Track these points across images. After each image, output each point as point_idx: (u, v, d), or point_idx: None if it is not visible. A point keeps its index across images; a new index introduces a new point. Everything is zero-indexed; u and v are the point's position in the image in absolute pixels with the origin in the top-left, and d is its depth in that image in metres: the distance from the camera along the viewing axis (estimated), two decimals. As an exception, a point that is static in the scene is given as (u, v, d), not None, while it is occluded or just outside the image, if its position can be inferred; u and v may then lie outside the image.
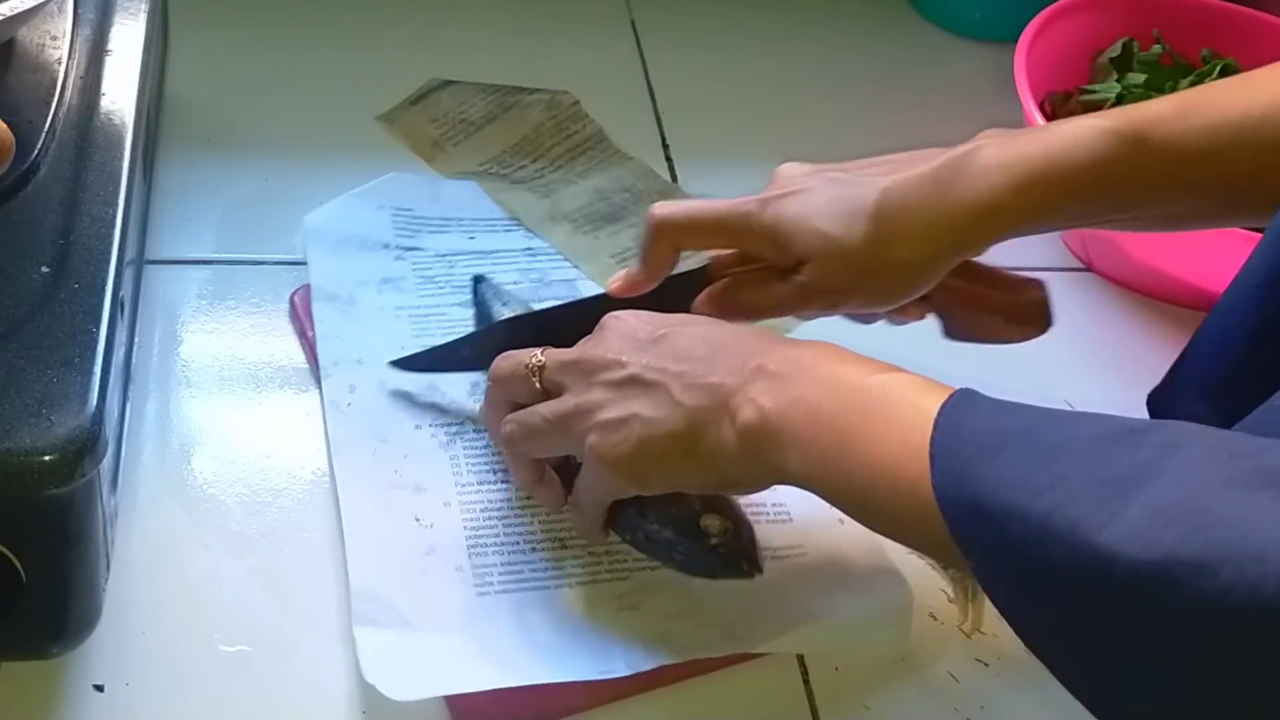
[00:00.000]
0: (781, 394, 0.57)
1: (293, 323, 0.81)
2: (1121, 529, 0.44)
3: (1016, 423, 0.50)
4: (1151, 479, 0.45)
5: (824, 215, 0.64)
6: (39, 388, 0.56)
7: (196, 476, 0.73)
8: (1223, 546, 0.42)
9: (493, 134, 0.96)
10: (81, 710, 0.63)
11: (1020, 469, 0.48)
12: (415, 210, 0.88)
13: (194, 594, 0.68)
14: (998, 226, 0.63)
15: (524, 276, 0.85)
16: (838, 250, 0.64)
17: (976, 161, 0.63)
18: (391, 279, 0.83)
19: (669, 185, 0.93)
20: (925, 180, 0.63)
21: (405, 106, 0.98)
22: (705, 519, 0.65)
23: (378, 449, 0.73)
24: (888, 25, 1.16)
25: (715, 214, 0.67)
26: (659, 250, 0.69)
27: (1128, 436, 0.47)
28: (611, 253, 0.88)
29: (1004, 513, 0.47)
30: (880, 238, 0.63)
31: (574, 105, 0.98)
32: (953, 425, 0.52)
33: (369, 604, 0.65)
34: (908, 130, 1.04)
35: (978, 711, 0.69)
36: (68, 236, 0.63)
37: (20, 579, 0.58)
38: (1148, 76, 0.97)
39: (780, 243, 0.65)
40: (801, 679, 0.69)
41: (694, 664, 0.67)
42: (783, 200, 0.66)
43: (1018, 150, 0.63)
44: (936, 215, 0.63)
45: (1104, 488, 0.45)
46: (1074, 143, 0.62)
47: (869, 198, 0.64)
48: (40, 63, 0.72)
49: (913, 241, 0.63)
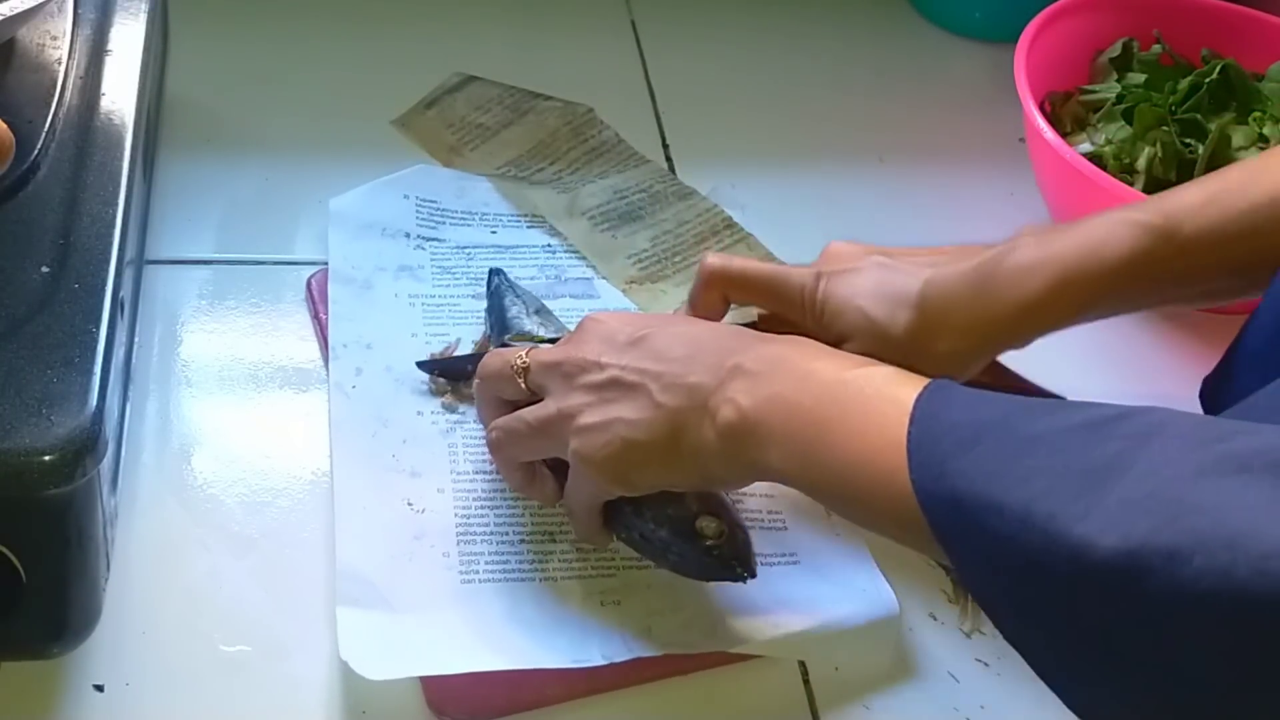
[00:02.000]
0: (759, 391, 0.58)
1: (308, 305, 0.82)
2: (1097, 520, 0.45)
3: (992, 414, 0.51)
4: (1125, 469, 0.46)
5: (870, 297, 0.66)
6: (39, 388, 0.56)
7: (196, 476, 0.73)
8: (1194, 533, 0.43)
9: (509, 139, 0.96)
10: (81, 710, 0.63)
11: (997, 461, 0.49)
12: (440, 202, 0.88)
13: (194, 594, 0.68)
14: (1034, 325, 0.65)
15: (541, 273, 0.85)
16: (879, 334, 0.65)
17: (1013, 261, 0.64)
18: (409, 267, 0.83)
19: (685, 188, 0.94)
20: (967, 276, 0.65)
21: (419, 110, 0.98)
22: (701, 521, 0.65)
23: (378, 432, 0.74)
24: (888, 25, 1.16)
25: (768, 276, 0.69)
26: (708, 299, 0.70)
27: (1101, 426, 0.48)
28: (629, 253, 0.88)
29: (981, 505, 0.48)
30: (922, 328, 0.64)
31: (589, 113, 0.99)
32: (929, 418, 0.53)
33: (353, 584, 0.66)
34: (908, 130, 1.05)
35: (978, 711, 0.69)
36: (68, 236, 0.63)
37: (20, 579, 0.58)
38: (1148, 76, 0.97)
39: (825, 318, 0.66)
40: (801, 679, 0.69)
41: (673, 662, 0.66)
42: (833, 277, 0.67)
43: (1052, 250, 0.64)
44: (977, 312, 0.64)
45: (1080, 479, 0.46)
46: (1106, 239, 0.64)
47: (913, 287, 0.65)
48: (40, 63, 0.72)
49: (953, 335, 0.65)
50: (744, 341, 0.61)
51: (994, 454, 0.49)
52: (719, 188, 0.94)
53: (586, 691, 0.66)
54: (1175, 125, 0.92)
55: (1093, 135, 0.96)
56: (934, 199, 0.99)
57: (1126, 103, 0.95)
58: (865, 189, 0.99)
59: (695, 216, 0.92)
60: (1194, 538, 0.42)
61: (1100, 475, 0.46)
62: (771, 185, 0.97)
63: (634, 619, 0.67)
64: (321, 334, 0.79)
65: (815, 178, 0.99)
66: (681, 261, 0.89)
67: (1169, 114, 0.93)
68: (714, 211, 0.92)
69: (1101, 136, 0.95)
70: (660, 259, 0.89)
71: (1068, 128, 0.97)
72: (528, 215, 0.90)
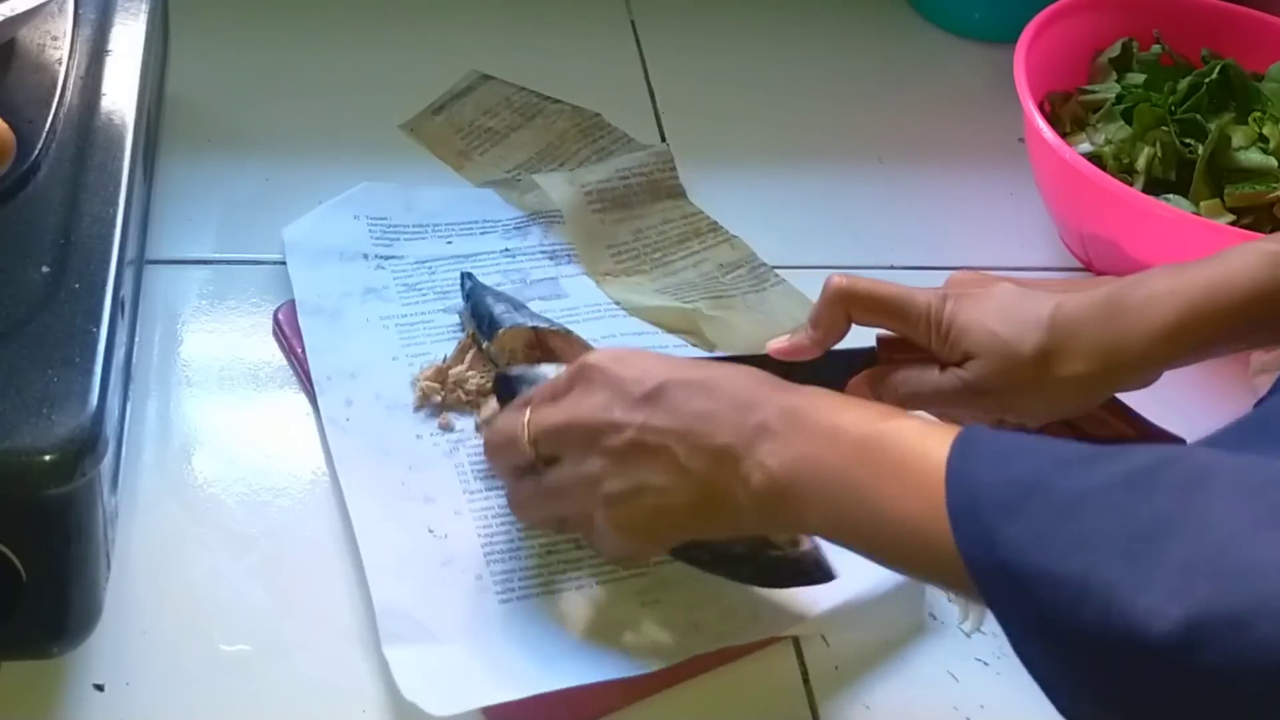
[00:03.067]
0: (786, 452, 0.57)
1: (278, 341, 0.80)
2: (1158, 590, 0.43)
3: (1027, 469, 0.50)
4: (1178, 528, 0.44)
5: (998, 318, 0.65)
6: (39, 387, 0.56)
7: (196, 476, 0.73)
8: (1257, 595, 0.42)
9: (518, 142, 0.97)
10: (81, 710, 0.63)
11: (1044, 526, 0.47)
12: (390, 219, 0.87)
13: (194, 594, 0.68)
14: (1163, 353, 0.64)
15: (505, 278, 0.85)
16: (1006, 352, 0.64)
17: (1145, 288, 0.64)
18: (374, 289, 0.82)
19: (680, 186, 0.94)
20: (1098, 301, 0.64)
21: (428, 116, 0.98)
22: None
23: (381, 461, 0.73)
24: (888, 25, 1.16)
25: (893, 295, 0.67)
26: (832, 316, 0.68)
27: (1144, 479, 0.47)
28: (609, 243, 0.89)
29: (1034, 576, 0.47)
30: (1051, 349, 0.64)
31: (596, 116, 0.99)
32: (965, 481, 0.51)
33: (394, 620, 0.65)
34: (908, 130, 1.05)
35: (978, 711, 0.69)
36: (68, 236, 0.63)
37: (20, 579, 0.58)
38: (1147, 77, 0.97)
39: (952, 336, 0.65)
40: (801, 679, 0.69)
41: (720, 653, 0.67)
42: (961, 299, 0.66)
43: (1184, 278, 0.64)
44: (1106, 337, 0.64)
45: (1133, 543, 0.45)
46: (1240, 268, 0.64)
47: (1044, 310, 0.64)
48: (40, 63, 0.72)
49: (1081, 359, 0.64)
50: (762, 392, 0.60)
51: (1040, 519, 0.48)
52: (718, 188, 0.94)
53: (645, 694, 0.66)
54: (1175, 125, 0.92)
55: (1092, 135, 0.96)
56: (933, 199, 0.99)
57: (1126, 103, 0.95)
58: (865, 189, 0.99)
59: (680, 218, 0.92)
60: (1258, 600, 0.41)
61: (1153, 538, 0.45)
62: (771, 185, 0.98)
63: (678, 615, 0.68)
64: (301, 368, 0.78)
65: (815, 178, 0.99)
66: (661, 258, 0.89)
67: (1169, 114, 0.93)
68: (698, 217, 0.92)
69: (1101, 136, 0.95)
70: (639, 254, 0.89)
71: (1067, 128, 0.97)
72: (479, 221, 0.89)
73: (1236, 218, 0.89)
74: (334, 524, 0.71)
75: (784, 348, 0.69)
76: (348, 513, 0.70)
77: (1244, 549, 0.43)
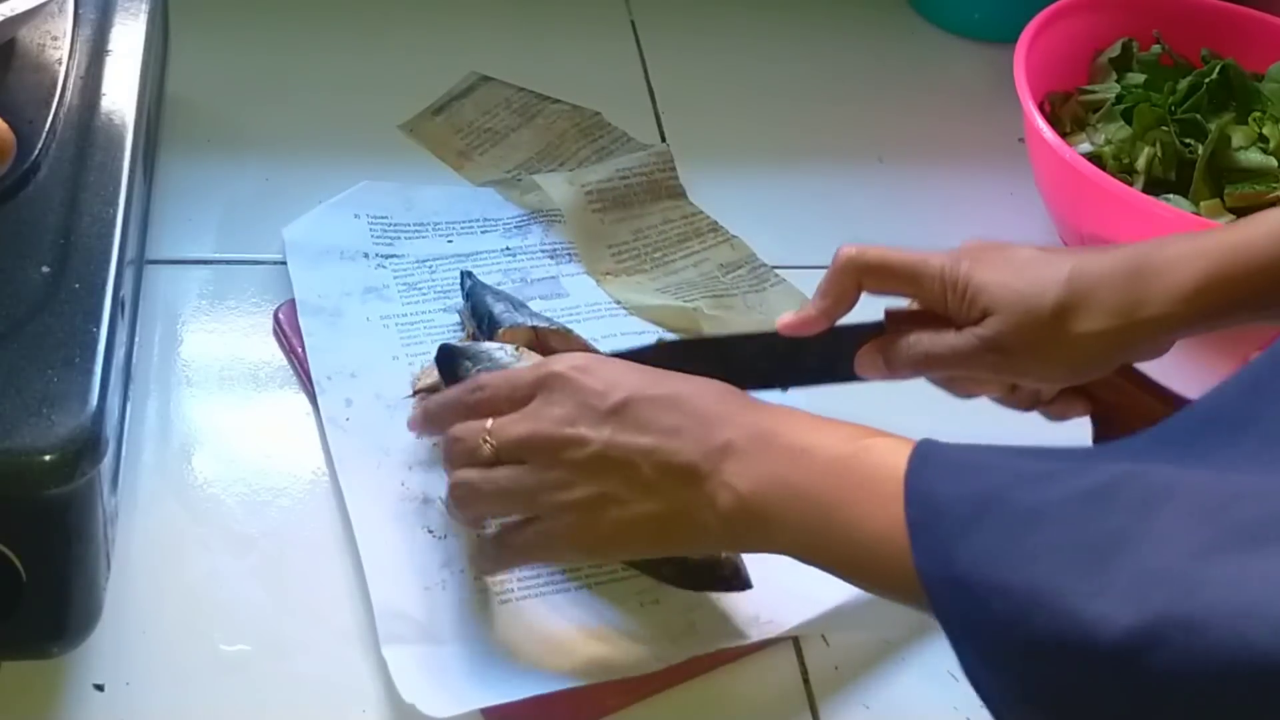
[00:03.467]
0: (752, 472, 0.56)
1: (278, 340, 0.80)
2: (1112, 597, 0.43)
3: (986, 484, 0.49)
4: (1134, 543, 0.44)
5: (1018, 275, 0.64)
6: (39, 387, 0.56)
7: (196, 476, 0.73)
8: (1210, 606, 0.41)
9: (518, 142, 0.97)
10: (81, 710, 0.63)
11: (1000, 540, 0.47)
12: (391, 218, 0.87)
13: (194, 594, 0.68)
14: (1182, 316, 0.63)
15: (506, 276, 0.85)
16: (1025, 307, 0.63)
17: (1168, 250, 0.64)
18: (375, 288, 0.82)
19: (680, 186, 0.94)
20: (1119, 261, 0.64)
21: (427, 116, 0.98)
22: None
23: (381, 462, 0.73)
24: (888, 25, 1.16)
25: (907, 260, 0.66)
26: (842, 285, 0.66)
27: (1102, 495, 0.47)
28: (609, 243, 0.89)
29: (987, 588, 0.46)
30: (1070, 305, 0.63)
31: (596, 115, 0.99)
32: (924, 495, 0.51)
33: (393, 621, 0.65)
34: (907, 130, 1.05)
35: (978, 711, 0.68)
36: (68, 236, 0.63)
37: (20, 579, 0.58)
38: (1147, 77, 0.98)
39: (970, 293, 0.64)
40: (801, 678, 0.69)
41: (720, 654, 0.67)
42: (977, 260, 0.65)
43: (1208, 242, 0.63)
44: (1127, 295, 0.63)
45: (1089, 554, 0.45)
46: (1264, 232, 0.63)
47: (1064, 267, 0.64)
48: (40, 63, 0.72)
49: (1100, 315, 0.63)
50: (729, 407, 0.59)
51: (996, 533, 0.47)
52: (719, 186, 0.94)
53: (645, 694, 0.66)
54: (1175, 125, 0.92)
55: (1092, 135, 0.96)
56: (933, 199, 0.99)
57: (1126, 103, 0.95)
58: (865, 189, 0.99)
59: (680, 217, 0.92)
60: (1210, 610, 0.41)
61: (1109, 550, 0.44)
62: (771, 185, 0.98)
63: (676, 616, 0.68)
64: (301, 368, 0.78)
65: (815, 178, 0.99)
66: (661, 258, 0.89)
67: (1168, 114, 0.93)
68: (698, 216, 0.92)
69: (1101, 136, 0.95)
70: (640, 254, 0.89)
71: (1067, 128, 0.97)
72: (480, 220, 0.89)
73: (1236, 218, 0.89)
74: (334, 524, 0.71)
75: (792, 322, 0.67)
76: (348, 513, 0.70)
77: (1198, 567, 0.43)
